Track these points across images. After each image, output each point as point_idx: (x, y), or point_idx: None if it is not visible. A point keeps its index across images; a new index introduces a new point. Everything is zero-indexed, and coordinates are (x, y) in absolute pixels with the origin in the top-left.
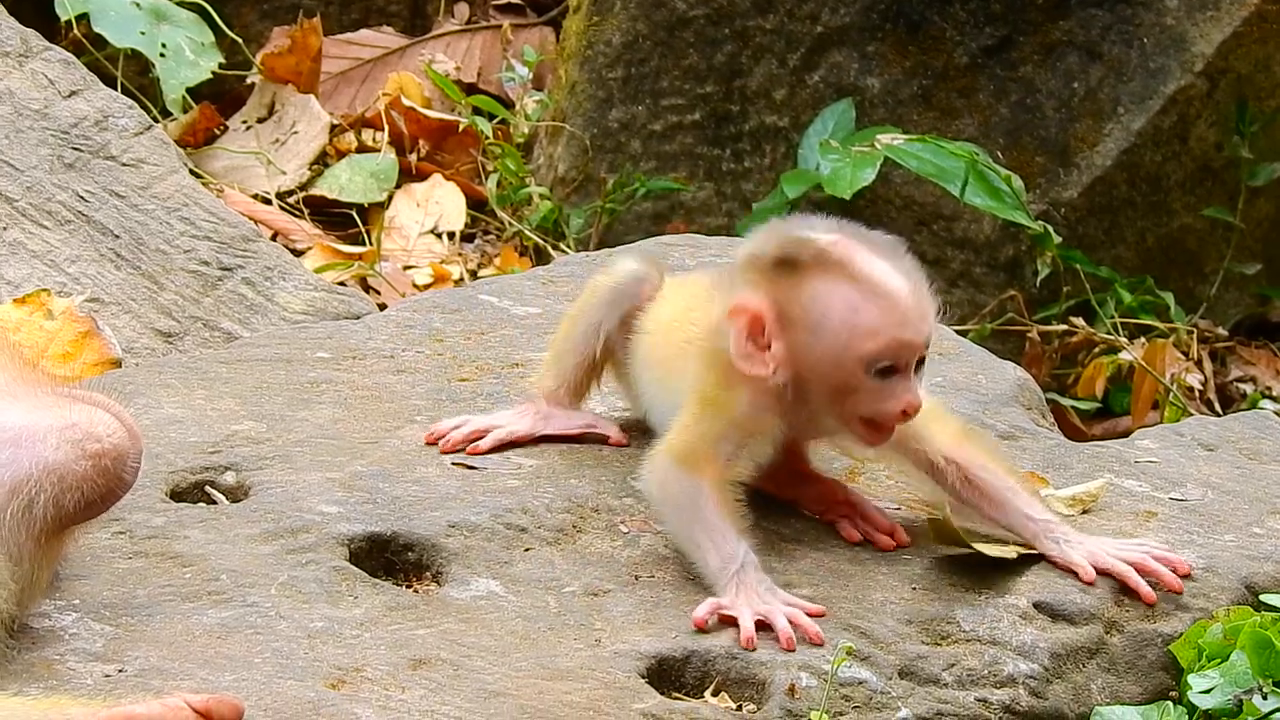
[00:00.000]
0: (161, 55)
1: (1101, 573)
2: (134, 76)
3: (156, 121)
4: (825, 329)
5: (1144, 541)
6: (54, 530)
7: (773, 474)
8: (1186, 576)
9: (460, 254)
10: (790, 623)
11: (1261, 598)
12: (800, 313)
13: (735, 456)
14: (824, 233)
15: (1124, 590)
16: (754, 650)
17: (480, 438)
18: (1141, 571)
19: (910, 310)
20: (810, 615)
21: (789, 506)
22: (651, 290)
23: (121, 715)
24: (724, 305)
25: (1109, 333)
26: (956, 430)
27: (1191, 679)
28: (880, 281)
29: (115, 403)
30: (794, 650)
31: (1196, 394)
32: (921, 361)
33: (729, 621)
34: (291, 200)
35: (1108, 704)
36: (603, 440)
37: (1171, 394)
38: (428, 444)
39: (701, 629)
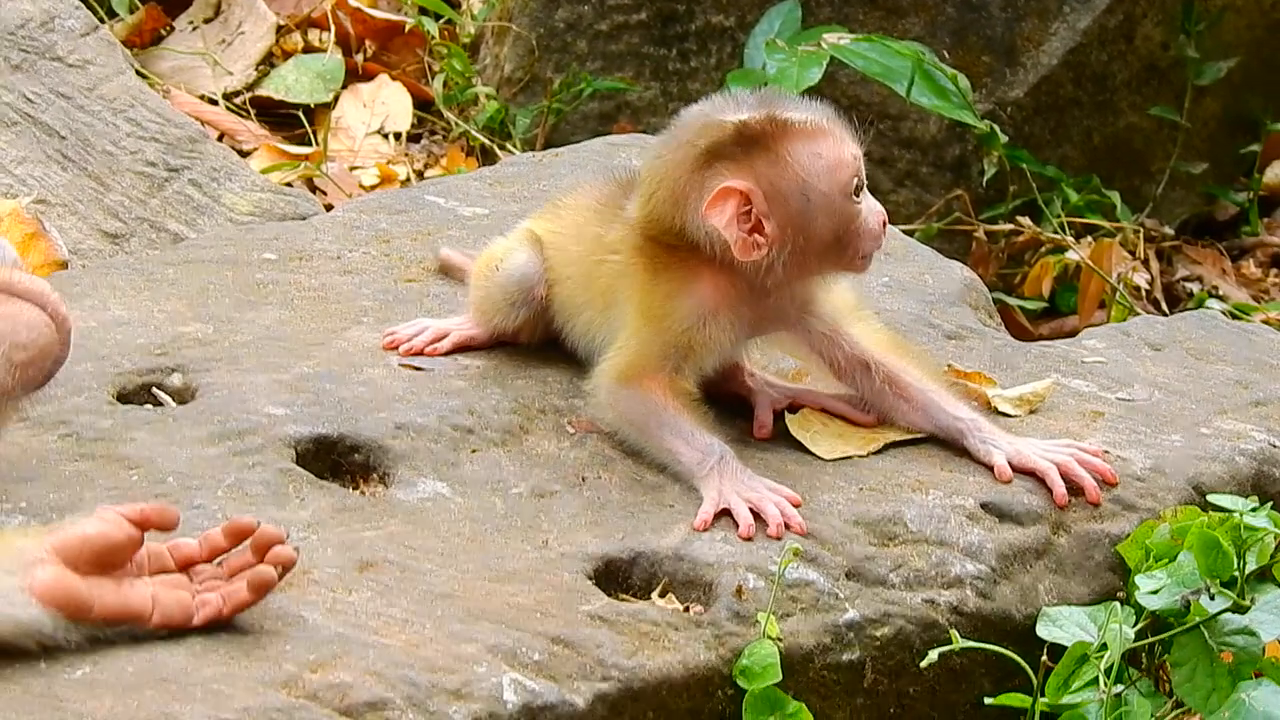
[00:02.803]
0: None
1: (1024, 471)
2: None
3: (103, 22)
4: (811, 182)
5: (1074, 444)
6: None
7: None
8: (1113, 485)
9: (407, 154)
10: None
11: (1209, 498)
12: (787, 181)
13: (679, 370)
14: (748, 106)
15: (1071, 490)
16: (751, 540)
17: (440, 340)
18: (1065, 475)
19: (843, 128)
20: (792, 504)
21: (730, 411)
22: (543, 278)
23: (76, 536)
24: (650, 217)
25: (1055, 232)
26: (882, 333)
27: (1139, 580)
28: (817, 120)
29: (45, 289)
30: (781, 537)
31: (1143, 293)
32: None
33: (720, 514)
34: (238, 101)
35: (1055, 604)
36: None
37: (1118, 293)
38: (385, 350)
39: (704, 530)
